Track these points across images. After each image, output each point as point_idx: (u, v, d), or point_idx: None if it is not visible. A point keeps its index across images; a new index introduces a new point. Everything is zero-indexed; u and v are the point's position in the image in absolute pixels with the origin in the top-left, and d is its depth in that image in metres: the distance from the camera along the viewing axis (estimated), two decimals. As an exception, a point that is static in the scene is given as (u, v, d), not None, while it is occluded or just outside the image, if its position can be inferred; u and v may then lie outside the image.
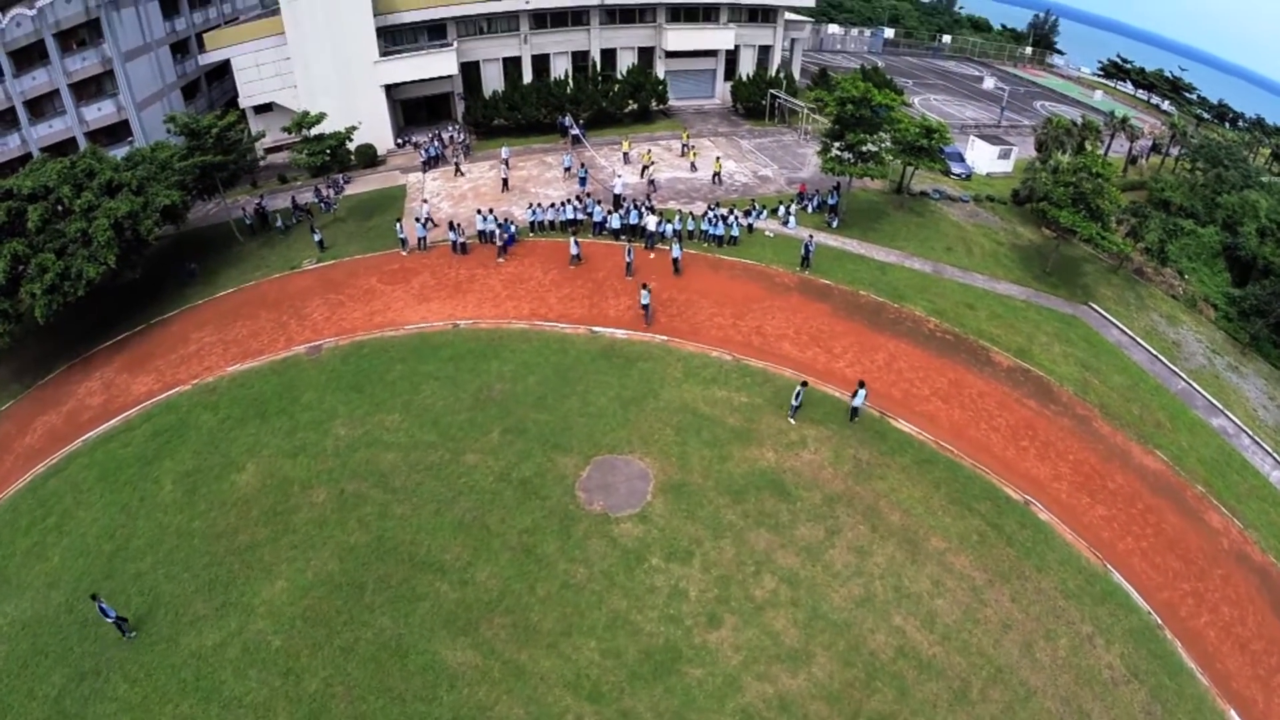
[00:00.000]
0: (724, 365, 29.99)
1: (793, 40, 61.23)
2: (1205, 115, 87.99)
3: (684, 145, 47.42)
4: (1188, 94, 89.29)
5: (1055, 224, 39.54)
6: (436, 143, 47.55)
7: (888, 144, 38.34)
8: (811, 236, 35.77)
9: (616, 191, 38.26)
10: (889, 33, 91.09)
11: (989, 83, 68.64)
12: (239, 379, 30.21)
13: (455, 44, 49.12)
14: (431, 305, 33.33)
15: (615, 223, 36.33)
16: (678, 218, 36.58)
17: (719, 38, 56.30)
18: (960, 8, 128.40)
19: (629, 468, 25.92)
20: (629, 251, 34.17)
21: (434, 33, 50.42)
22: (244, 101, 48.54)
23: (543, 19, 52.44)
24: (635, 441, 26.70)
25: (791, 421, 27.61)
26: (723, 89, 59.52)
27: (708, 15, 56.72)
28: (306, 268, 37.12)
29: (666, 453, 26.32)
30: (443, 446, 26.54)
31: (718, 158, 45.00)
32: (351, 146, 44.78)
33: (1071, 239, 41.27)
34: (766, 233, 38.10)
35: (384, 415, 27.90)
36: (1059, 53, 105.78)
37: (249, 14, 58.52)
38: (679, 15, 56.02)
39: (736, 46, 57.17)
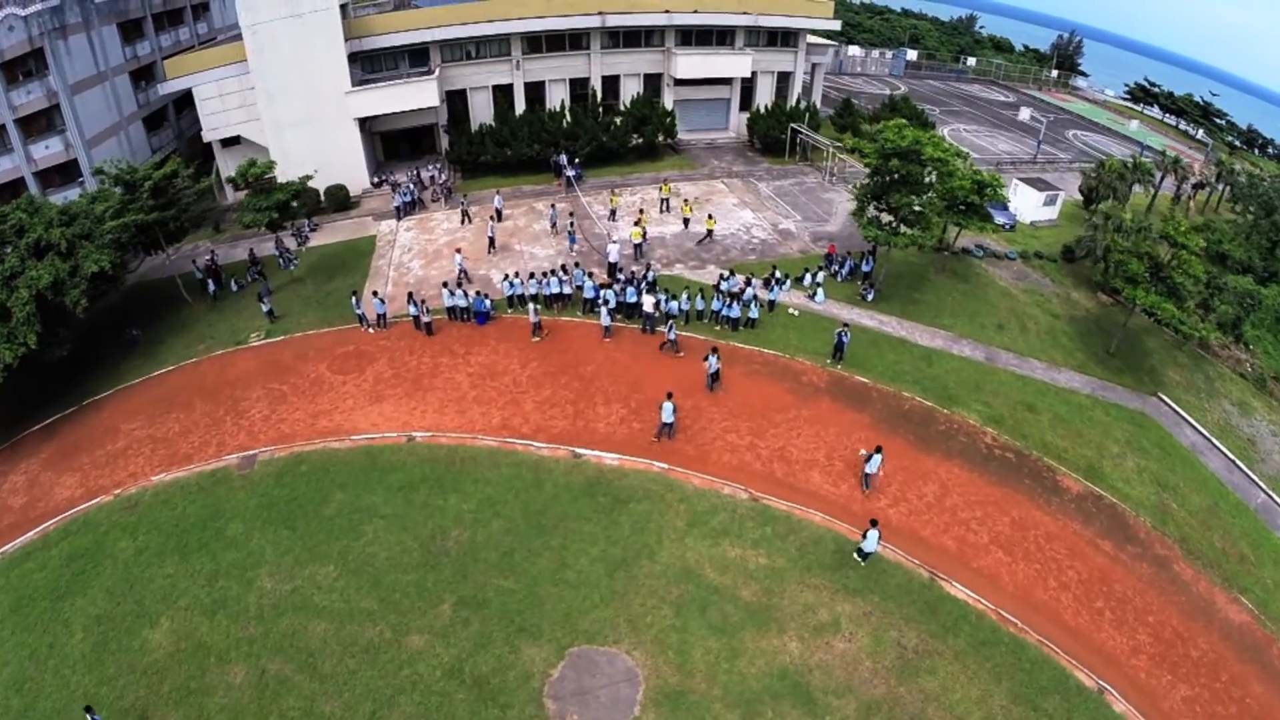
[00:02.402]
0: (738, 508, 22.90)
1: (813, 65, 53.51)
2: (1236, 142, 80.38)
3: (663, 200, 39.78)
4: (1218, 120, 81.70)
5: (1115, 292, 32.58)
6: (413, 185, 40.15)
7: (934, 201, 30.70)
8: (846, 328, 28.39)
9: (611, 259, 30.89)
10: (911, 55, 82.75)
11: (1025, 113, 60.71)
12: (163, 493, 23.93)
13: (438, 71, 41.80)
14: (385, 407, 26.36)
15: (616, 297, 29.02)
16: (684, 295, 29.13)
17: (735, 64, 48.69)
18: (981, 27, 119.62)
19: (613, 666, 19.11)
20: (673, 340, 27.70)
21: (416, 58, 43.15)
22: (208, 135, 41.91)
23: (537, 42, 45.01)
24: (622, 625, 19.82)
25: (860, 563, 21.37)
26: (737, 120, 51.90)
27: (722, 39, 49.07)
28: (253, 343, 30.51)
29: (662, 643, 19.47)
30: (383, 619, 20.02)
31: (710, 215, 37.43)
32: (322, 186, 37.80)
33: (1134, 307, 33.83)
34: (791, 310, 30.76)
35: (317, 566, 21.41)
36: (1083, 74, 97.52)
37: (228, 34, 51.14)
38: (690, 39, 48.42)
39: (753, 73, 49.42)
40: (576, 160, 42.67)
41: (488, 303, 29.35)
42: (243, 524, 22.63)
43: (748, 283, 31.28)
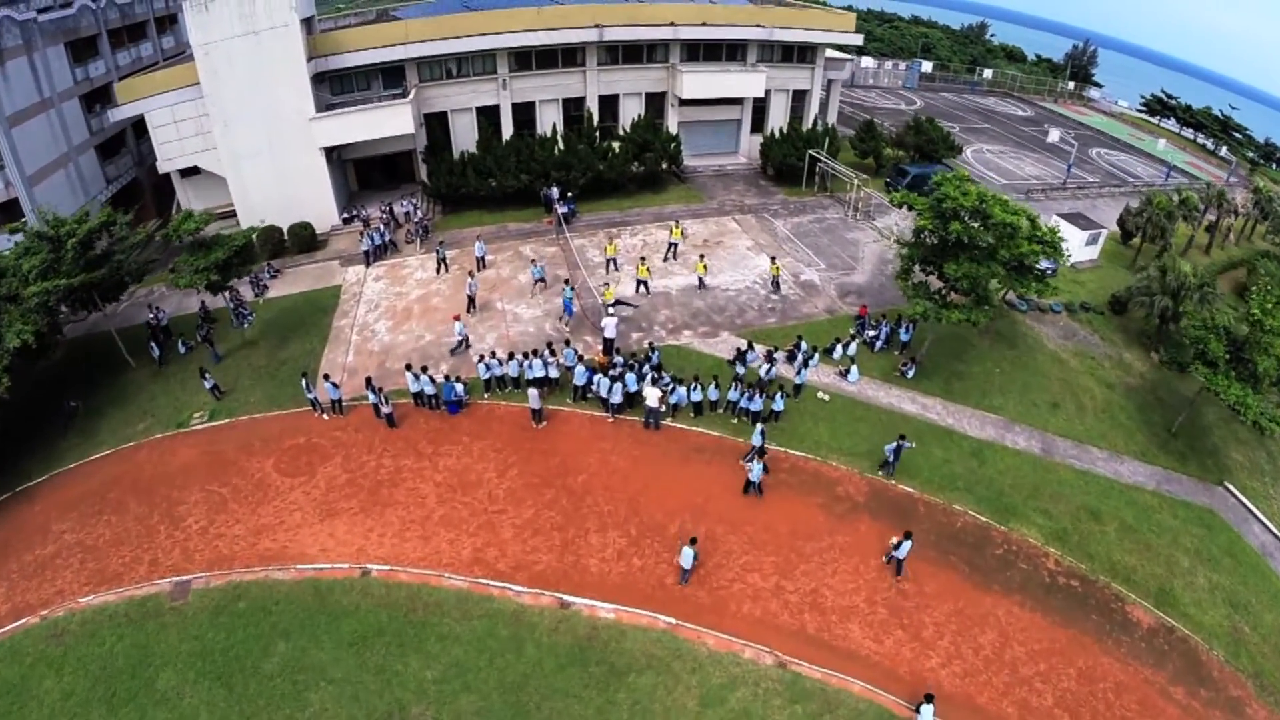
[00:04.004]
0: (762, 679, 18.13)
1: (829, 81, 47.97)
2: (1255, 158, 75.44)
3: (671, 245, 33.98)
4: (1236, 134, 76.73)
5: (1166, 354, 28.25)
6: (383, 225, 34.74)
7: (997, 269, 25.30)
8: (905, 439, 23.17)
9: (608, 335, 25.62)
10: (926, 66, 76.99)
11: (1054, 135, 55.33)
12: (91, 622, 19.55)
13: (413, 94, 36.25)
14: (337, 526, 21.40)
15: (605, 389, 23.76)
16: (695, 384, 23.93)
17: (747, 83, 43.27)
18: (992, 35, 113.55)
19: None
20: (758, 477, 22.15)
21: (390, 77, 37.57)
22: (163, 166, 36.62)
23: (526, 59, 39.51)
24: None
25: None
26: (749, 143, 46.49)
27: (732, 54, 43.55)
28: (195, 426, 25.59)
29: None
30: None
31: (701, 257, 32.23)
32: (285, 224, 32.62)
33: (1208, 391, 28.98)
34: (820, 395, 25.63)
35: (252, 744, 16.47)
36: (1097, 85, 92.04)
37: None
38: (697, 54, 42.85)
39: (767, 92, 43.97)
40: (569, 195, 37.22)
41: (460, 389, 24.16)
42: (175, 674, 18.24)
43: (769, 358, 26.18)
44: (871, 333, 28.65)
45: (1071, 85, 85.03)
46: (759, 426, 22.93)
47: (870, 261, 35.14)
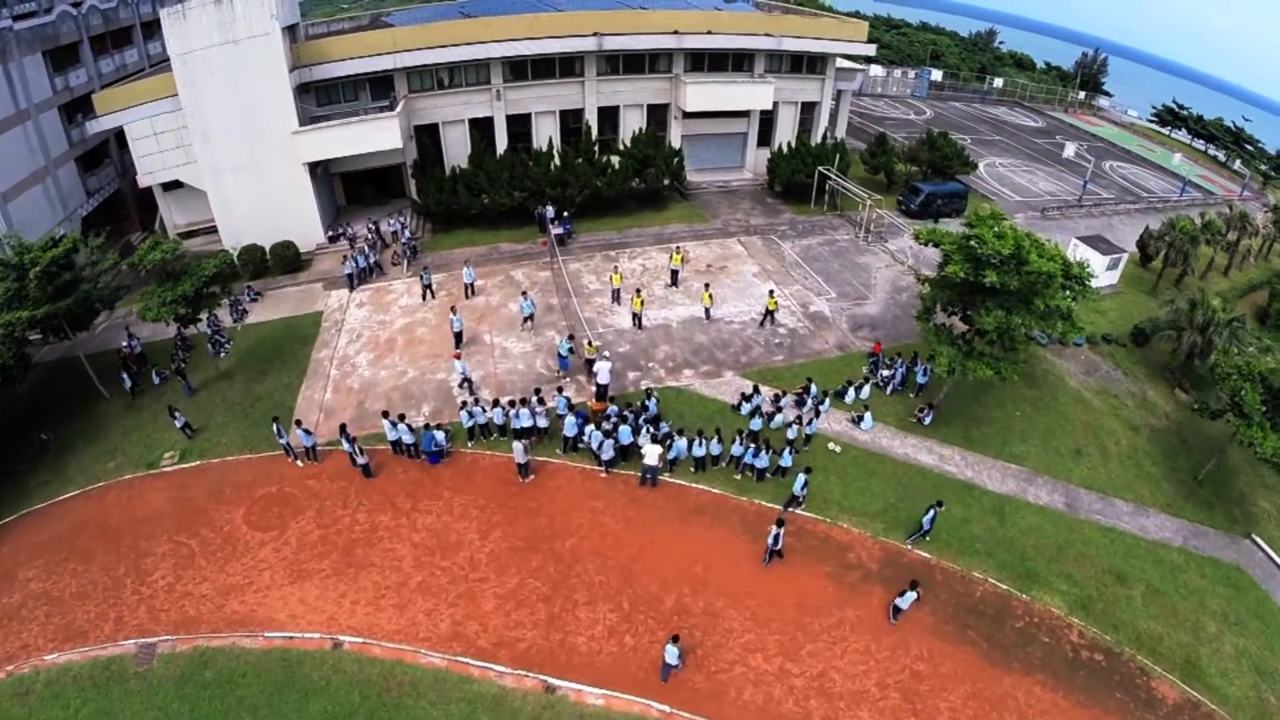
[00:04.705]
0: (768, 786, 16.14)
1: (839, 92, 45.99)
2: (1270, 171, 73.41)
3: (674, 272, 31.99)
4: (1249, 146, 74.80)
5: (1197, 400, 26.90)
6: (369, 246, 32.87)
7: (1029, 318, 23.23)
8: (941, 504, 21.43)
9: (601, 380, 23.74)
10: (936, 74, 74.76)
11: (1070, 149, 53.31)
12: (55, 682, 18.23)
13: (401, 106, 34.32)
14: (308, 589, 19.73)
15: (597, 443, 21.93)
16: (699, 439, 22.08)
17: (754, 94, 41.33)
18: (1001, 43, 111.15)
19: None
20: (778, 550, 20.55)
21: (379, 87, 35.61)
22: (143, 180, 34.90)
23: (522, 69, 37.59)
24: None
25: None
26: (754, 158, 44.59)
27: (738, 64, 41.56)
28: (165, 467, 23.92)
29: None
30: None
31: (706, 285, 30.42)
32: (268, 243, 30.97)
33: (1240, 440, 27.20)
34: (831, 446, 23.76)
35: None
36: (1106, 94, 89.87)
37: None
38: (702, 64, 40.85)
39: (774, 104, 41.96)
40: (565, 214, 35.30)
41: (441, 437, 22.36)
42: (139, 749, 16.43)
43: (776, 402, 24.36)
44: (886, 372, 26.82)
45: (1082, 95, 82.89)
46: (802, 477, 21.22)
47: (883, 289, 33.29)
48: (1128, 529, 24.61)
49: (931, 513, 21.03)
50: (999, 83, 77.72)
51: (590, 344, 25.46)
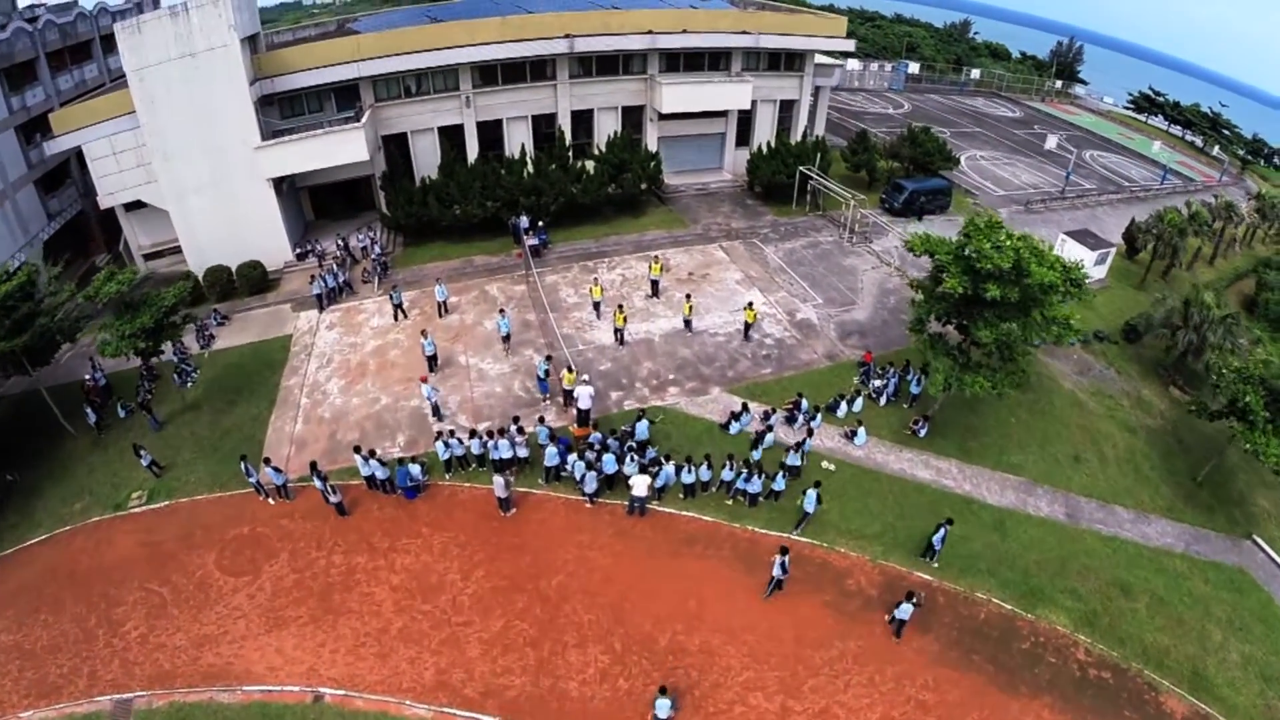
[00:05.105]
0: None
1: (817, 89, 45.11)
2: (1246, 155, 73.74)
3: (654, 283, 30.84)
4: (1226, 131, 75.14)
5: (1194, 401, 26.83)
6: (336, 266, 31.57)
7: (1031, 328, 22.36)
8: (950, 523, 20.63)
9: (582, 405, 22.69)
10: (913, 67, 74.14)
11: (1051, 141, 52.83)
12: None
13: (366, 117, 32.96)
14: (285, 638, 18.70)
15: (580, 473, 20.89)
16: (688, 466, 21.12)
17: (732, 94, 40.33)
18: (976, 33, 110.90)
19: None
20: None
21: (344, 96, 34.19)
22: (104, 201, 33.12)
23: (491, 73, 36.39)
24: None
25: None
26: (733, 158, 43.63)
27: (715, 63, 40.52)
28: (133, 508, 22.68)
29: None
30: None
31: (688, 296, 29.29)
32: (235, 263, 29.75)
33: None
34: (825, 464, 22.87)
35: None
36: (1082, 82, 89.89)
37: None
38: (677, 64, 39.78)
39: (752, 103, 40.99)
40: (540, 224, 34.16)
41: (417, 470, 21.26)
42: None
43: (766, 420, 23.50)
44: (878, 383, 26.00)
45: (1059, 84, 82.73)
46: (813, 493, 20.41)
47: (870, 293, 32.49)
48: (1130, 537, 24.04)
49: (942, 531, 20.31)
50: (976, 74, 77.32)
51: (569, 372, 24.27)
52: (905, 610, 18.35)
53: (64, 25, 37.83)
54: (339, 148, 31.63)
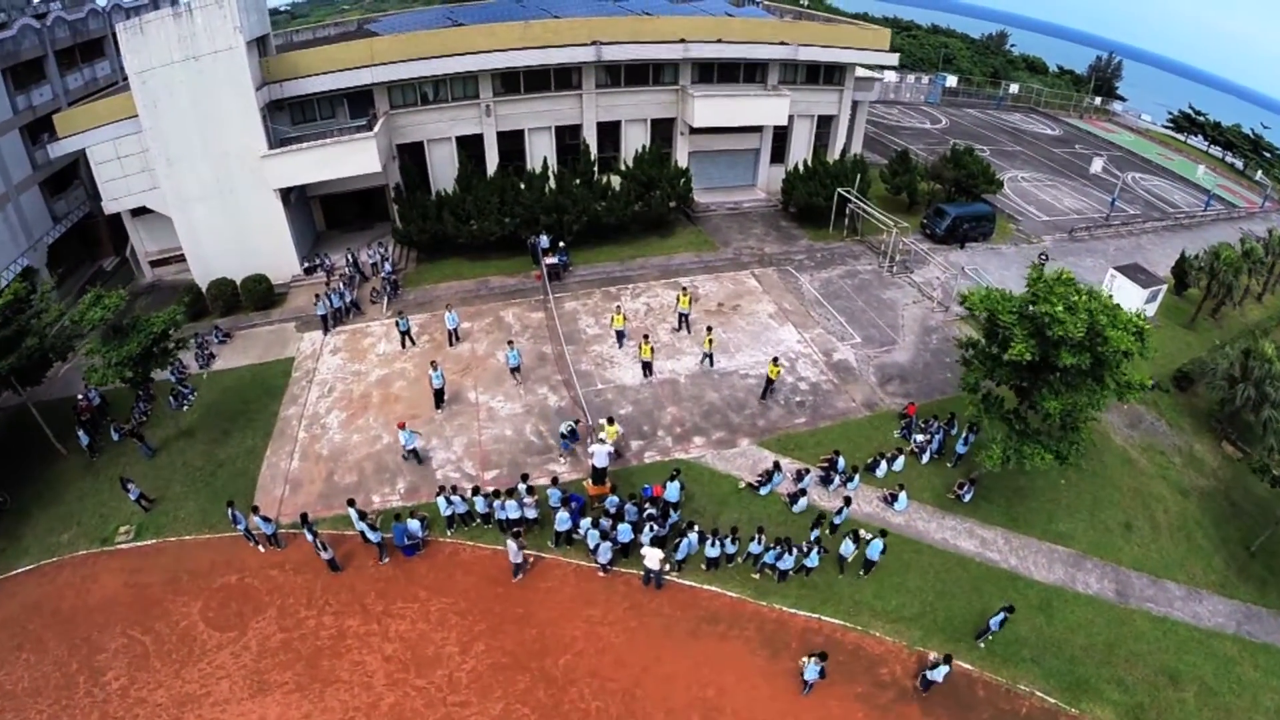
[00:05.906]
0: None
1: (855, 104, 43.03)
2: (1285, 177, 70.83)
3: (682, 315, 28.82)
4: (1267, 154, 72.41)
5: (1255, 462, 24.20)
6: (343, 284, 30.03)
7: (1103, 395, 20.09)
8: (1003, 618, 18.79)
9: (598, 464, 20.90)
10: (951, 80, 71.54)
11: (1097, 165, 50.33)
12: None
13: (382, 122, 31.41)
14: (269, 706, 17.39)
15: (595, 545, 19.16)
16: (713, 539, 19.31)
17: (769, 108, 38.39)
18: (1012, 45, 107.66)
19: None
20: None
21: (358, 102, 32.59)
22: (109, 206, 32.01)
23: (513, 81, 34.69)
24: None
25: None
26: (767, 176, 41.69)
27: (750, 75, 38.54)
28: (120, 544, 21.56)
29: None
30: None
31: (709, 329, 27.51)
32: (239, 276, 28.66)
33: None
34: (862, 533, 20.97)
35: None
36: (1120, 99, 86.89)
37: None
38: (710, 75, 37.85)
39: (790, 118, 38.98)
40: (561, 244, 32.43)
41: (416, 526, 19.68)
42: None
43: (799, 481, 21.72)
44: (921, 438, 24.05)
45: (1097, 100, 79.88)
46: (879, 542, 19.51)
47: (911, 330, 30.52)
48: (1180, 618, 22.11)
49: (1001, 615, 18.55)
50: (1015, 88, 74.52)
51: (610, 424, 22.15)
52: (940, 672, 17.03)
53: (74, 22, 36.41)
54: (349, 158, 30.03)
